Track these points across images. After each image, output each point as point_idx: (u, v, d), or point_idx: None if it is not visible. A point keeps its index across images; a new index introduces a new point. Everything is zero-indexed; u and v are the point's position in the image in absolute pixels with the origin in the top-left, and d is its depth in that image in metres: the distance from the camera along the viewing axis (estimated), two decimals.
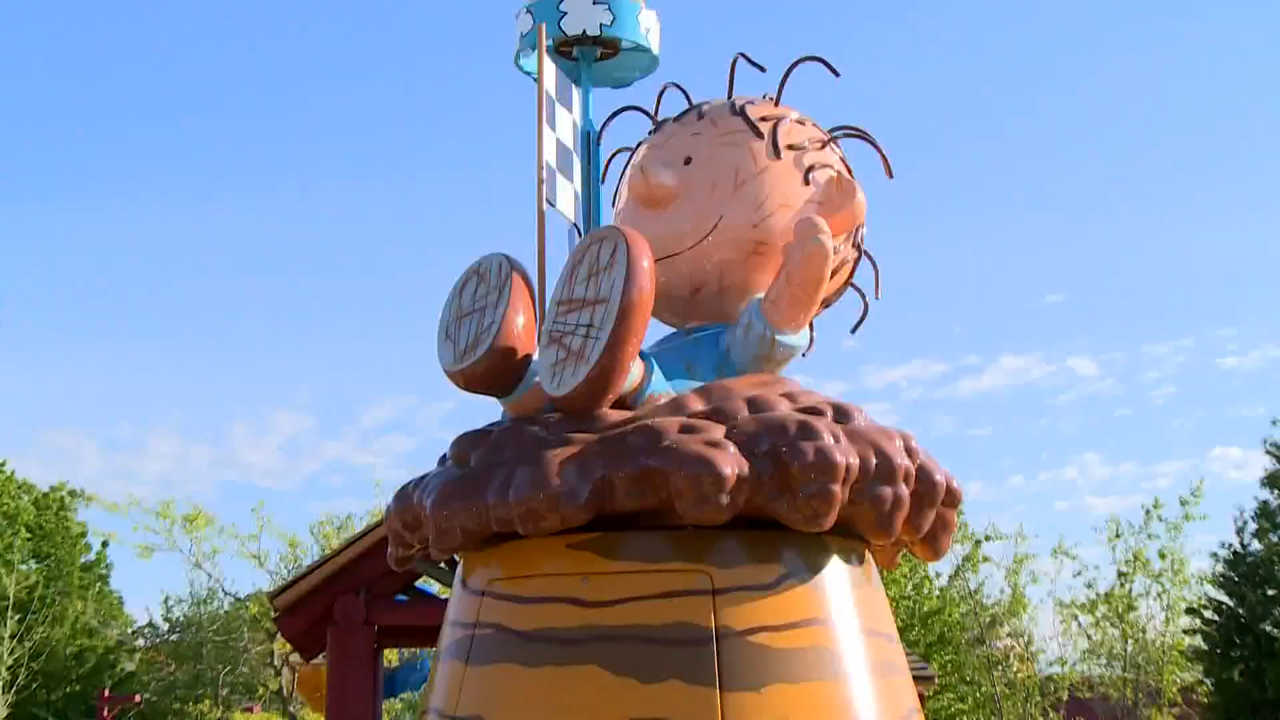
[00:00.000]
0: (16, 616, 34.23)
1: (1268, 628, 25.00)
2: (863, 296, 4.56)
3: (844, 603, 3.68)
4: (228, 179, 73.32)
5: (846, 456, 3.52)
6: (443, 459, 4.00)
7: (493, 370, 3.84)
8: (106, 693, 33.57)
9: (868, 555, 3.91)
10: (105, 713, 31.88)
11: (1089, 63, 76.09)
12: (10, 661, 32.34)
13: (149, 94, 71.79)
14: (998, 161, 77.26)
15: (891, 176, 4.47)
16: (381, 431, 72.27)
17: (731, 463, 3.43)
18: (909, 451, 3.73)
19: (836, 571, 3.71)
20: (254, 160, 73.56)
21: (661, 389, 3.88)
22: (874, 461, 3.60)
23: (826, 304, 4.41)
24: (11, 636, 32.81)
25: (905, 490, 3.68)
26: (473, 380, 3.87)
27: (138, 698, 33.64)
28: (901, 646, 3.93)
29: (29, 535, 44.48)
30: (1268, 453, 27.05)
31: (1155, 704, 23.62)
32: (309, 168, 74.64)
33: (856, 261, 4.47)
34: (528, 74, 4.51)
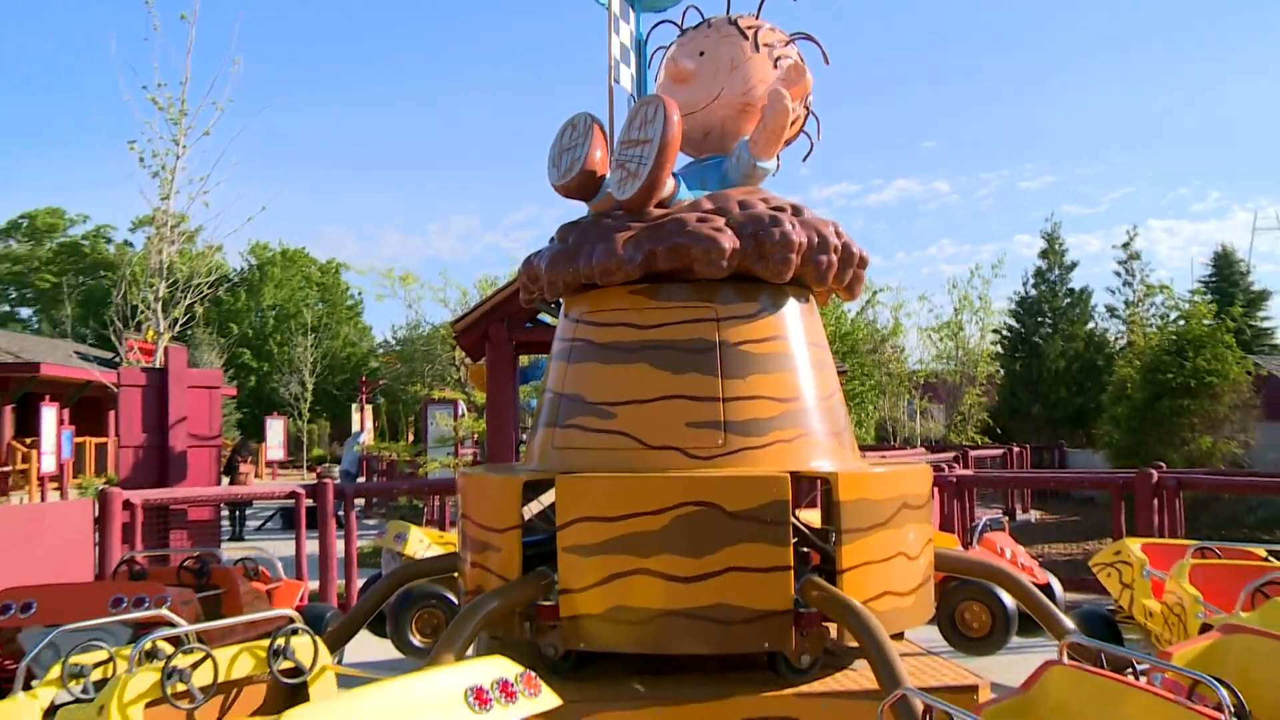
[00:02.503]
0: (313, 333, 35.69)
1: (1036, 339, 25.59)
2: (810, 139, 4.35)
3: (795, 326, 3.65)
4: (434, 76, 71.75)
5: (800, 236, 3.49)
6: (552, 240, 3.94)
7: (582, 185, 3.77)
8: (364, 379, 34.54)
9: (810, 297, 3.85)
10: (364, 389, 32.87)
11: None
12: (312, 359, 34.28)
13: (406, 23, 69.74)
14: (897, 54, 74.38)
15: (828, 64, 4.25)
16: (518, 227, 72.60)
17: (729, 240, 3.40)
18: (838, 234, 3.68)
19: (792, 307, 3.68)
20: (452, 63, 71.90)
21: (685, 196, 3.80)
22: (816, 240, 3.56)
23: (788, 143, 4.24)
24: (312, 345, 34.67)
25: (835, 258, 3.64)
26: (569, 191, 3.81)
27: (381, 381, 34.69)
28: (829, 351, 3.88)
29: (317, 288, 45.53)
30: (1042, 237, 27.08)
31: (971, 384, 23.91)
32: (479, 66, 73.00)
33: (805, 117, 4.29)
34: (600, 4, 4.28)
